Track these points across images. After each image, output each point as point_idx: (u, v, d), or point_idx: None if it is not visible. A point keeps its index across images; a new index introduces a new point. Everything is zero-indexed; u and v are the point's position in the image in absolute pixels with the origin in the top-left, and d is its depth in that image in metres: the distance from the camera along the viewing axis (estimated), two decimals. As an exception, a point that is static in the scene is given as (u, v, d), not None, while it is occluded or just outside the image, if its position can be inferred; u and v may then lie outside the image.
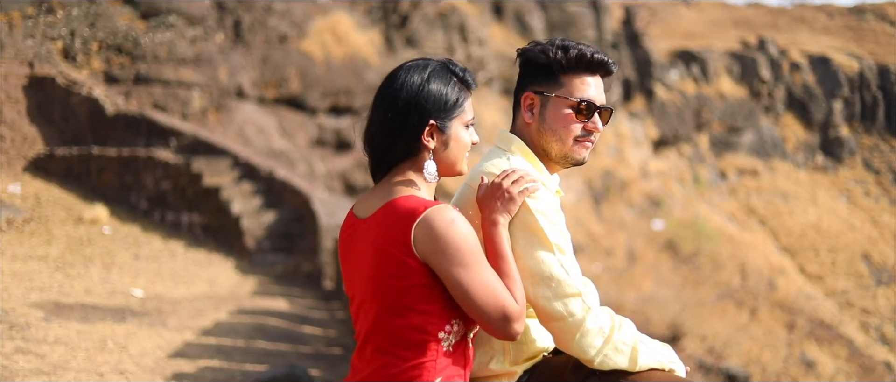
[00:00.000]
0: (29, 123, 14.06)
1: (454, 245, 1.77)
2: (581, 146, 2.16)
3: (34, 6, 15.03)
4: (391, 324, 1.82)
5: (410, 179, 1.90)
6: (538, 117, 2.15)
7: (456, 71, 1.94)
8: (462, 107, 1.93)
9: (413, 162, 1.90)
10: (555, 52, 2.13)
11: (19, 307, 6.91)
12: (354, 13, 22.39)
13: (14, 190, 11.99)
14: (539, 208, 1.99)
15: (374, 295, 1.84)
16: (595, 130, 2.16)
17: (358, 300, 1.93)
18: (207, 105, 16.61)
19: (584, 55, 2.12)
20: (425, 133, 1.87)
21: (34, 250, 9.62)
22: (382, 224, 1.84)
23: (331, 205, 11.92)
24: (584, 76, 2.14)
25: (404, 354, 1.82)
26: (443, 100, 1.89)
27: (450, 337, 1.85)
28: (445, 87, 1.90)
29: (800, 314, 25.63)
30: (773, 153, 34.31)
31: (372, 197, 1.93)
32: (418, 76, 1.89)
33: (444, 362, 1.84)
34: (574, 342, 1.95)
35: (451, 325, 1.84)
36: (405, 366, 1.82)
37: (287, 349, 6.98)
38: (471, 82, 1.96)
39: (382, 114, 1.88)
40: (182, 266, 10.52)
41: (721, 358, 21.93)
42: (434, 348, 1.83)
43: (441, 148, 1.91)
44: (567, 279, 1.95)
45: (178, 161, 12.70)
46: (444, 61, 1.96)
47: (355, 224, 1.95)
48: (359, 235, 1.92)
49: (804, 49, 36.57)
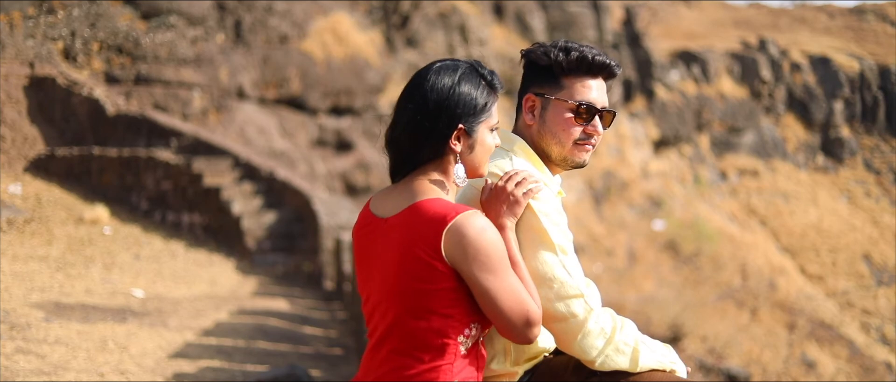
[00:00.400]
0: (29, 123, 14.06)
1: (485, 252, 1.77)
2: (581, 149, 2.15)
3: (35, 6, 15.03)
4: (411, 326, 1.82)
5: (435, 180, 1.89)
6: (539, 119, 2.14)
7: (484, 74, 1.92)
8: (489, 111, 1.92)
9: (438, 164, 1.89)
10: (556, 54, 2.12)
11: (20, 307, 6.91)
12: (355, 13, 22.40)
13: (15, 190, 11.99)
14: (541, 208, 1.99)
15: (395, 296, 1.83)
16: (595, 134, 2.14)
17: (374, 300, 1.91)
18: (208, 105, 16.62)
19: (585, 57, 2.11)
20: (453, 136, 1.86)
21: (35, 250, 9.63)
22: (408, 226, 1.83)
23: (331, 205, 11.92)
24: (585, 79, 2.13)
25: (422, 356, 1.82)
26: (472, 103, 1.88)
27: (467, 341, 1.85)
28: (475, 90, 1.89)
29: (800, 314, 25.62)
30: (774, 154, 34.30)
31: (394, 197, 1.91)
32: (449, 78, 1.87)
33: (460, 364, 1.85)
34: (575, 342, 1.95)
35: (469, 329, 1.84)
36: (422, 368, 1.81)
37: (288, 349, 6.98)
38: (498, 86, 1.94)
39: (411, 115, 1.86)
40: (183, 267, 10.52)
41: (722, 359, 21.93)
42: (452, 351, 1.83)
43: (467, 151, 1.90)
44: (569, 279, 1.95)
45: (178, 161, 12.70)
46: (473, 63, 1.94)
47: (375, 223, 1.92)
48: (379, 234, 1.90)
49: (805, 49, 36.56)
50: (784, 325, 24.98)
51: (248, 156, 13.84)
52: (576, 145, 2.14)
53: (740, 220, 31.16)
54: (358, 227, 1.99)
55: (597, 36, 31.41)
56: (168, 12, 16.70)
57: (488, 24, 28.53)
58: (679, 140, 32.35)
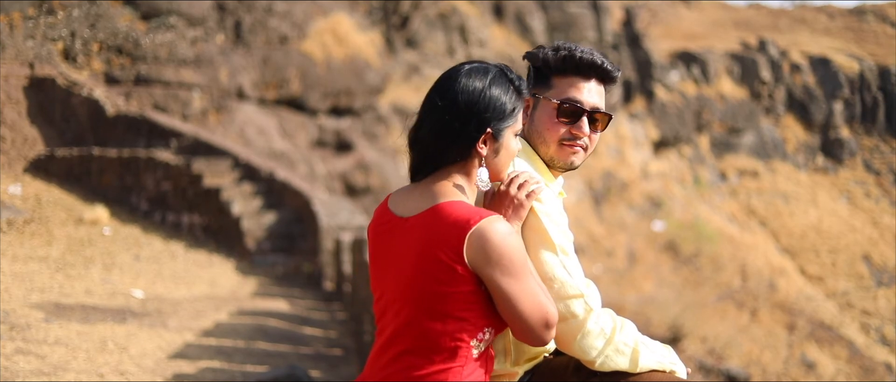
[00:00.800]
0: (29, 124, 14.06)
1: (508, 257, 1.78)
2: (567, 151, 2.11)
3: (35, 7, 15.03)
4: (425, 327, 1.81)
5: (458, 183, 1.88)
6: (530, 119, 2.14)
7: (513, 79, 1.92)
8: (516, 116, 1.91)
9: (461, 166, 1.88)
10: (545, 53, 2.11)
11: (20, 308, 6.91)
12: (355, 14, 22.40)
13: (14, 191, 11.99)
14: (542, 208, 1.99)
15: (411, 297, 1.83)
16: (580, 135, 2.10)
17: (387, 299, 1.90)
18: (208, 106, 16.62)
19: (572, 56, 2.09)
20: (480, 140, 1.86)
21: (35, 251, 9.62)
22: (430, 227, 1.82)
23: (331, 206, 11.92)
24: (574, 79, 2.10)
25: (433, 357, 1.81)
26: (502, 108, 1.87)
27: (480, 345, 1.85)
28: (504, 95, 1.88)
29: (800, 315, 25.62)
30: (774, 154, 34.32)
31: (415, 196, 1.90)
32: (480, 82, 1.86)
33: (470, 367, 1.85)
34: (575, 343, 1.95)
35: (483, 333, 1.84)
36: (433, 369, 1.81)
37: (287, 350, 6.98)
38: (524, 91, 1.94)
39: (439, 116, 1.84)
40: (182, 267, 10.52)
41: (721, 359, 21.94)
42: (464, 354, 1.83)
43: (491, 155, 1.89)
44: (569, 280, 1.95)
45: (178, 162, 12.70)
46: (502, 67, 1.93)
47: (394, 221, 1.91)
48: (398, 233, 1.89)
49: (805, 50, 36.57)
50: (784, 326, 24.99)
51: (248, 157, 13.84)
52: (561, 146, 2.11)
53: (740, 221, 31.17)
54: (375, 224, 1.97)
55: (596, 37, 31.43)
56: (168, 13, 16.70)
57: (488, 24, 28.55)
58: (679, 141, 32.36)
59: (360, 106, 20.84)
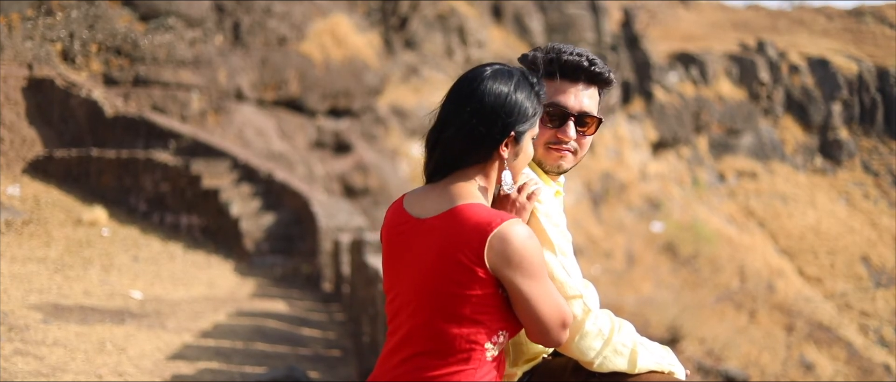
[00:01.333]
0: (28, 124, 14.06)
1: (529, 259, 1.79)
2: (553, 154, 2.09)
3: (33, 8, 15.03)
4: (440, 329, 1.81)
5: (477, 185, 1.88)
6: None
7: (534, 83, 1.92)
8: (536, 120, 1.92)
9: (481, 168, 1.88)
10: (533, 55, 2.11)
11: (18, 308, 6.91)
12: (353, 15, 22.41)
13: (13, 192, 11.98)
14: (541, 209, 1.99)
15: (428, 298, 1.82)
16: (565, 139, 2.08)
17: (402, 300, 1.89)
18: (206, 107, 16.62)
19: (558, 58, 2.07)
20: (503, 143, 1.86)
21: (33, 252, 9.62)
22: (450, 229, 1.82)
23: (330, 207, 11.92)
24: (561, 82, 2.08)
25: (448, 359, 1.82)
26: (525, 112, 1.87)
27: (494, 348, 1.85)
28: (527, 99, 1.88)
29: (799, 316, 25.64)
30: (772, 155, 34.35)
31: (433, 197, 1.89)
32: (505, 85, 1.86)
33: (484, 370, 1.85)
34: (574, 344, 1.95)
35: (498, 336, 1.85)
36: (446, 371, 1.81)
37: (286, 351, 6.98)
38: (543, 95, 1.95)
39: (465, 118, 1.84)
40: (181, 268, 10.52)
41: (720, 360, 21.95)
42: (478, 356, 1.83)
43: (512, 158, 1.90)
44: (568, 280, 1.95)
45: (177, 163, 12.70)
46: (524, 71, 1.94)
47: (411, 222, 1.90)
48: (416, 234, 1.88)
49: (803, 51, 36.61)
50: (782, 327, 25.01)
51: (247, 157, 13.84)
52: (547, 150, 2.09)
53: (739, 222, 31.19)
54: (390, 225, 1.96)
55: (595, 38, 31.44)
56: (166, 14, 16.70)
57: (487, 25, 28.56)
58: (677, 142, 32.38)
59: (359, 107, 20.85)
